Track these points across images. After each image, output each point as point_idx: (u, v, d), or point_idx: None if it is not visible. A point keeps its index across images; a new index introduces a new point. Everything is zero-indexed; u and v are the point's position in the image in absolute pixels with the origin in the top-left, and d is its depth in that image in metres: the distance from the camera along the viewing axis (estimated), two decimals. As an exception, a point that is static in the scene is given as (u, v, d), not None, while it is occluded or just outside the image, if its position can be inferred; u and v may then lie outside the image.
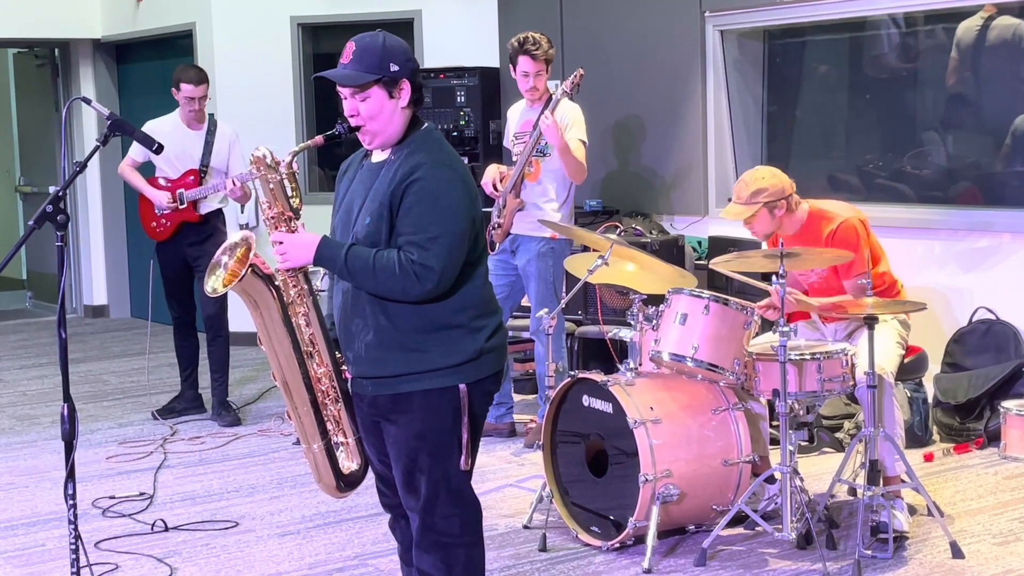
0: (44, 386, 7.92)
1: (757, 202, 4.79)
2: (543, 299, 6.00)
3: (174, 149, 6.51)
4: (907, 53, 6.92)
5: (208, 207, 6.68)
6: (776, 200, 4.80)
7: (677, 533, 4.72)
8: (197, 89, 6.54)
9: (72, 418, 3.43)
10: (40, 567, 4.61)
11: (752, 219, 4.84)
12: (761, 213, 4.81)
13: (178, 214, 6.63)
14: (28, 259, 11.82)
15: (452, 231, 3.18)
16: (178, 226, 6.66)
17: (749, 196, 4.81)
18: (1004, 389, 5.99)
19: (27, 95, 11.71)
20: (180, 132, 6.62)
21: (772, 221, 4.83)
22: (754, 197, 4.80)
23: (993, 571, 4.35)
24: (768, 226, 4.85)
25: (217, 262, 3.37)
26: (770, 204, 4.79)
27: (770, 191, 4.79)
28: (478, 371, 3.28)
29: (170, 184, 6.62)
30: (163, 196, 6.58)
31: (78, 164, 3.65)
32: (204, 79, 6.60)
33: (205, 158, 6.62)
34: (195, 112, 6.60)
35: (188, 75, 6.55)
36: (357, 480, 3.49)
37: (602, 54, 7.76)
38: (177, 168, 6.61)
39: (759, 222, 4.84)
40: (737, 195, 4.88)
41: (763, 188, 4.80)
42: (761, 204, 4.79)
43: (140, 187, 6.67)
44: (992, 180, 6.65)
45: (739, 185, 4.89)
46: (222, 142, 6.67)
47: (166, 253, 6.78)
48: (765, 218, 4.82)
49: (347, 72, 3.24)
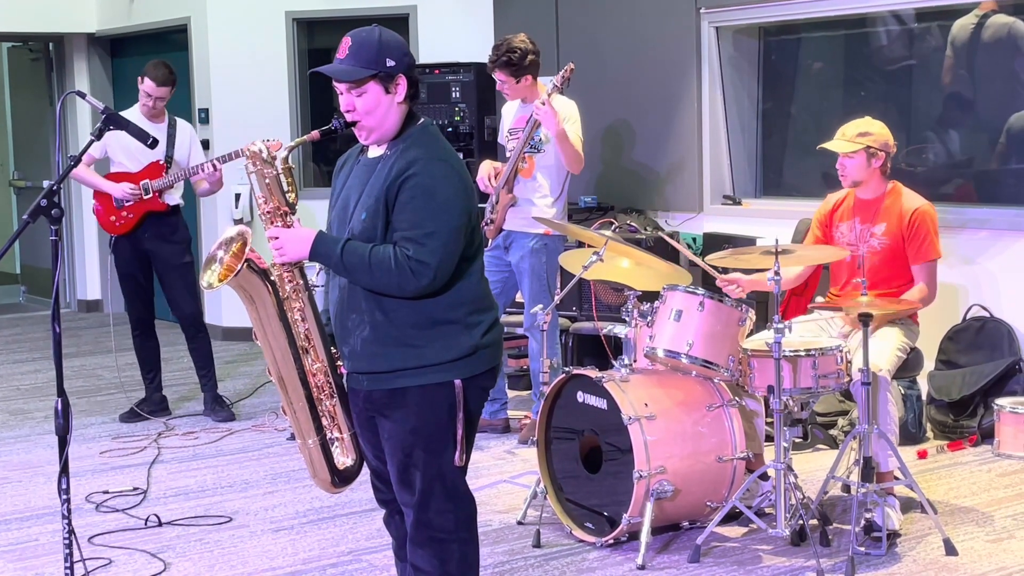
0: (37, 381, 7.92)
1: (861, 142, 4.94)
2: (537, 295, 6.00)
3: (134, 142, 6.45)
4: (902, 51, 6.93)
5: (173, 198, 6.62)
6: (878, 149, 4.94)
7: (671, 529, 4.72)
8: (158, 90, 6.46)
9: (66, 413, 3.42)
10: (33, 562, 4.61)
11: (851, 155, 4.97)
12: (860, 154, 4.95)
13: (142, 204, 6.51)
14: (22, 253, 11.80)
15: (448, 226, 3.18)
16: (141, 217, 6.54)
17: (856, 135, 4.97)
18: (998, 386, 6.00)
19: (21, 89, 11.68)
20: (142, 125, 6.52)
21: (866, 168, 4.97)
22: (860, 137, 4.96)
23: (986, 568, 4.35)
24: (860, 171, 4.98)
25: (213, 257, 3.36)
26: (871, 150, 4.93)
27: (876, 137, 4.95)
28: (473, 367, 3.27)
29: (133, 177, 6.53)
30: (124, 186, 6.48)
31: (72, 158, 3.64)
32: (169, 82, 6.49)
33: (169, 150, 6.55)
34: (150, 109, 6.51)
35: (153, 72, 6.47)
36: (352, 476, 3.49)
37: (597, 50, 7.75)
38: (140, 161, 6.52)
39: (855, 162, 4.97)
40: (842, 132, 5.03)
41: (870, 132, 4.96)
42: (864, 146, 4.94)
43: (95, 183, 6.54)
44: (987, 177, 6.66)
45: (846, 126, 5.05)
46: (183, 135, 6.62)
47: (124, 248, 6.62)
48: (862, 160, 4.96)
49: (343, 67, 3.23)
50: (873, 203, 5.01)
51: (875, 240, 4.98)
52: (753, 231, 6.82)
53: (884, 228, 4.97)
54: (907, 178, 6.65)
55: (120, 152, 6.53)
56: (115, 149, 6.55)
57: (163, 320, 10.17)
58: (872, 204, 5.02)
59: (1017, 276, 6.15)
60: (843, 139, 4.99)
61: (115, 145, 6.50)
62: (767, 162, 7.57)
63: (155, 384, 6.86)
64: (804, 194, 7.09)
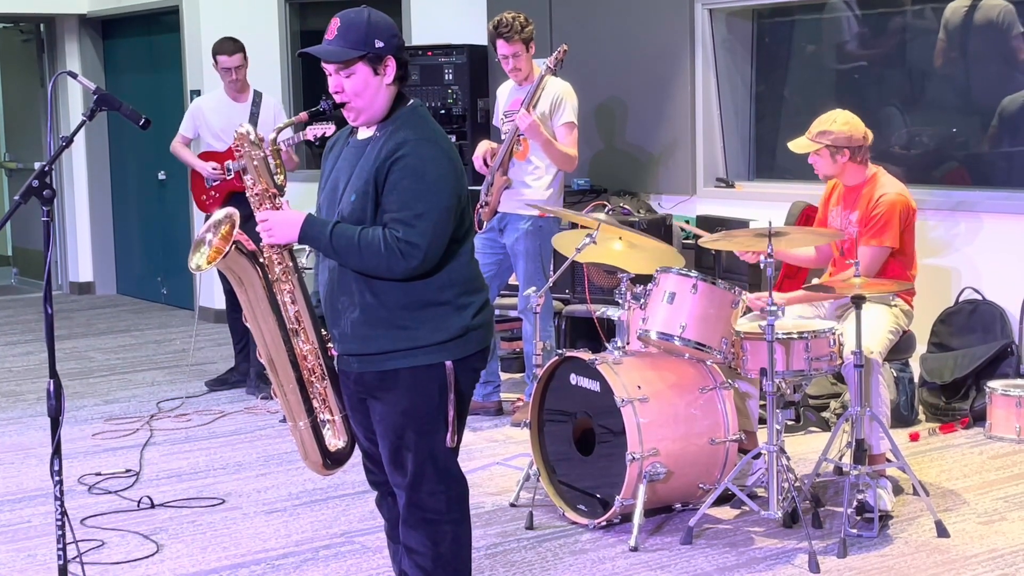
0: (30, 363, 7.90)
1: (820, 142, 4.96)
2: (531, 278, 5.99)
3: (220, 122, 6.72)
4: (895, 34, 6.92)
5: None
6: (839, 147, 4.93)
7: (664, 511, 4.73)
8: (231, 59, 6.66)
9: (58, 394, 3.41)
10: (26, 543, 4.61)
11: (814, 156, 5.01)
12: (823, 153, 4.97)
13: (226, 184, 6.68)
14: (14, 235, 11.77)
15: (437, 208, 3.17)
16: (226, 197, 6.68)
17: (816, 134, 4.99)
18: (990, 369, 6.00)
19: (12, 70, 11.64)
20: (225, 105, 6.77)
21: (833, 164, 4.98)
22: (819, 137, 4.97)
23: (978, 550, 4.36)
24: (828, 168, 5.01)
25: (201, 239, 3.36)
26: (832, 148, 4.94)
27: (835, 136, 4.94)
28: (464, 348, 3.27)
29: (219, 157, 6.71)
30: (208, 166, 6.68)
31: (64, 139, 3.62)
32: (239, 49, 6.70)
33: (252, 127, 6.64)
34: (235, 82, 6.72)
35: (222, 47, 6.69)
36: (343, 458, 3.49)
37: (591, 33, 7.73)
38: (224, 141, 6.68)
39: (820, 160, 5.01)
40: (809, 130, 5.04)
41: (829, 131, 4.96)
42: (823, 145, 4.95)
43: (189, 162, 6.79)
44: (979, 160, 6.66)
45: (817, 120, 5.06)
46: (267, 113, 6.78)
47: None
48: (826, 159, 4.98)
49: (331, 48, 3.22)
50: (854, 190, 5.04)
51: (852, 228, 4.99)
52: (746, 213, 6.82)
53: (857, 215, 4.97)
54: (900, 161, 6.67)
55: (208, 134, 6.78)
56: (204, 131, 6.81)
57: (148, 300, 10.16)
58: (853, 191, 5.04)
59: (1010, 259, 6.16)
60: (808, 136, 5.01)
61: (203, 125, 6.78)
62: (760, 145, 7.56)
63: (244, 353, 6.90)
64: (797, 177, 7.08)
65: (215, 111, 6.76)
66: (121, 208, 10.61)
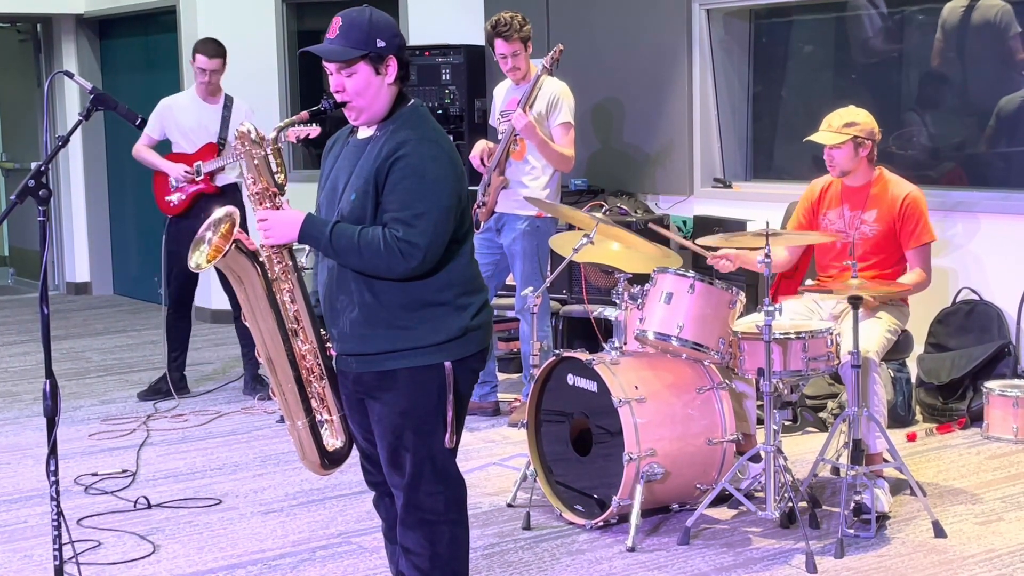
0: (26, 363, 7.89)
1: (848, 133, 4.93)
2: (528, 278, 5.99)
3: (190, 123, 6.65)
4: (892, 34, 6.92)
5: (225, 180, 6.67)
6: (864, 138, 4.93)
7: (661, 512, 4.73)
8: (210, 62, 6.59)
9: (54, 395, 3.41)
10: (22, 544, 4.60)
11: (839, 147, 4.96)
12: (847, 144, 4.94)
13: (194, 186, 6.62)
14: (10, 235, 11.77)
15: (438, 208, 3.17)
16: (193, 199, 6.62)
17: (842, 125, 4.96)
18: (987, 369, 6.01)
19: (9, 70, 11.63)
20: (196, 106, 6.70)
21: (854, 158, 4.96)
22: (846, 128, 4.94)
23: (975, 550, 4.36)
24: (848, 161, 4.98)
25: (201, 238, 3.35)
26: (858, 140, 4.93)
27: (861, 126, 4.94)
28: (463, 349, 3.27)
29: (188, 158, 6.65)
30: (179, 167, 6.61)
31: (61, 139, 3.61)
32: (219, 54, 6.62)
33: (223, 131, 6.65)
34: (207, 84, 6.65)
35: (204, 47, 6.62)
36: (341, 458, 3.48)
37: (588, 32, 7.73)
38: (194, 142, 6.64)
39: (843, 153, 4.97)
40: (828, 123, 5.01)
41: (856, 122, 4.95)
42: (850, 136, 4.92)
43: (155, 163, 6.70)
44: (976, 161, 6.66)
45: (831, 116, 5.03)
46: (238, 116, 6.70)
47: (178, 228, 6.66)
48: (849, 151, 4.95)
49: (333, 47, 3.21)
50: (861, 190, 5.02)
51: (866, 227, 4.98)
52: (743, 214, 6.82)
53: (875, 215, 4.97)
54: (897, 161, 6.66)
55: (177, 133, 6.68)
56: (172, 130, 6.72)
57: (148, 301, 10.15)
58: (860, 191, 5.02)
59: (1007, 259, 6.16)
60: (829, 130, 4.98)
61: (172, 126, 6.69)
62: (757, 145, 7.56)
63: (179, 363, 6.89)
64: (794, 177, 7.08)
65: (185, 109, 6.66)
66: (118, 208, 10.60)
